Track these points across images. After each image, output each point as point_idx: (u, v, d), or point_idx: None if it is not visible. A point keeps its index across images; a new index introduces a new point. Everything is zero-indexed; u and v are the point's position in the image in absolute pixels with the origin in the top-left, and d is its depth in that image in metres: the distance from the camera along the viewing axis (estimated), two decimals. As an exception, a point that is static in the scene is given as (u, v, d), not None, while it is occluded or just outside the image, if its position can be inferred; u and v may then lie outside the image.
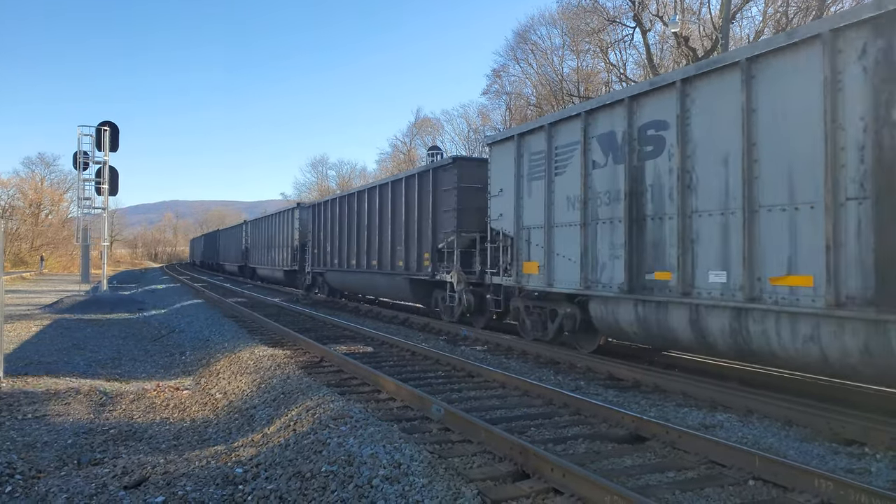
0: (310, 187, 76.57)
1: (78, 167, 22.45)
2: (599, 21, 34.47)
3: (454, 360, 9.11)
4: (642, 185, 8.27)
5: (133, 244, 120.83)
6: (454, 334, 12.62)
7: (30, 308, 19.41)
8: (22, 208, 61.20)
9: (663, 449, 5.29)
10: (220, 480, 4.72)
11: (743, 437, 5.68)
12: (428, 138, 58.03)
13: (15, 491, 4.69)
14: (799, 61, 6.37)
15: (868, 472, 4.81)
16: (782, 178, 6.50)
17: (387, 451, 4.63)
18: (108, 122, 22.69)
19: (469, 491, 4.07)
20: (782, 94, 6.54)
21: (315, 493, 4.27)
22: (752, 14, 31.36)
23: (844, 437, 5.56)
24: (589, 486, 4.07)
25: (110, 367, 10.11)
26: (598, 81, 37.91)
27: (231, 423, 6.80)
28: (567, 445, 5.42)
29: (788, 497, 4.26)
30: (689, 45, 28.93)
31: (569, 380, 8.34)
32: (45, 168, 68.31)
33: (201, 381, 9.12)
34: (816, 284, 6.13)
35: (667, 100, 7.89)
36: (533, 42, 40.99)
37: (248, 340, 11.30)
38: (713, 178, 7.26)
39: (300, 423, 5.70)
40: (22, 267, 52.59)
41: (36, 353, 11.09)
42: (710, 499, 4.30)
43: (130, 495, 4.54)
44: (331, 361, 9.22)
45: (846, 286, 5.89)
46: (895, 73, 5.56)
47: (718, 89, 7.23)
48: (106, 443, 6.09)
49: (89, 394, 8.05)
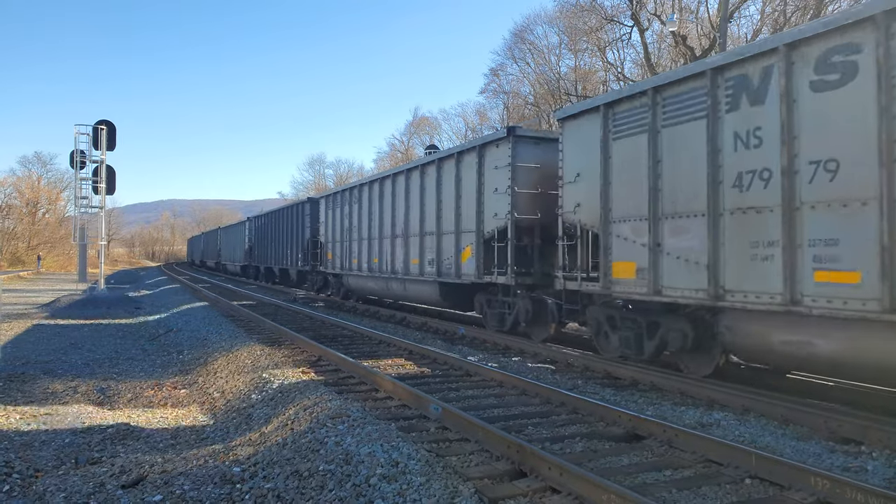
0: (307, 186, 76.64)
1: (75, 166, 22.39)
2: (597, 20, 34.49)
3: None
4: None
5: (130, 243, 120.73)
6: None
7: (27, 307, 19.38)
8: (19, 207, 61.08)
9: (660, 447, 5.30)
10: (218, 479, 4.72)
11: (740, 435, 5.69)
12: (426, 137, 58.11)
13: (13, 490, 4.69)
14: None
15: (864, 471, 4.82)
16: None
17: (384, 450, 4.63)
18: (104, 120, 22.64)
19: (466, 489, 4.08)
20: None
21: (313, 492, 4.27)
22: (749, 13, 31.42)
23: (841, 435, 5.57)
24: (586, 484, 4.08)
25: (108, 367, 10.10)
26: (596, 80, 37.95)
27: (229, 422, 6.80)
28: (564, 444, 5.43)
29: (785, 495, 4.27)
30: (686, 43, 28.96)
31: (566, 379, 8.35)
32: (42, 167, 68.25)
33: (199, 380, 9.11)
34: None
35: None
36: (530, 41, 41.07)
37: (245, 339, 11.28)
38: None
39: (298, 422, 5.71)
40: (19, 266, 52.47)
41: (33, 352, 11.08)
42: (707, 497, 4.31)
43: (128, 494, 4.54)
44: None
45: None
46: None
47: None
48: (104, 442, 6.09)
49: (87, 393, 8.05)
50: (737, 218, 6.91)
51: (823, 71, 6.13)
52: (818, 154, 6.13)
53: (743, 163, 6.85)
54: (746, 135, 6.84)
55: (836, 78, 6.03)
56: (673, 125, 7.75)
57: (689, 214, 7.50)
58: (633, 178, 8.28)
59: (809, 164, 6.21)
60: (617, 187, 8.63)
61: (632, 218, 8.32)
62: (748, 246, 6.76)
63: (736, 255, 6.90)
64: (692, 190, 7.44)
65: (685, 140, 7.57)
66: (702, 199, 7.27)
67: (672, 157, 7.79)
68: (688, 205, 7.52)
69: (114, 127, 22.80)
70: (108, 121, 22.74)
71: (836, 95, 6.03)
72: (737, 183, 6.91)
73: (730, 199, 6.98)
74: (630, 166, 8.37)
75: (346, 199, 19.14)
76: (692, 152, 7.43)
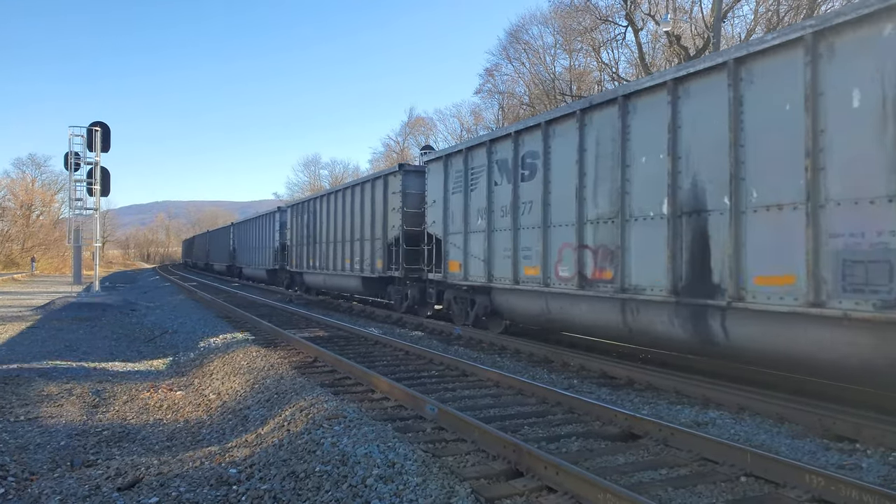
0: (302, 187, 76.50)
1: (69, 168, 22.36)
2: (591, 20, 34.57)
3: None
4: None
5: (125, 245, 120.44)
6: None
7: (21, 309, 19.28)
8: (13, 209, 60.74)
9: (656, 446, 5.32)
10: (214, 481, 4.71)
11: (735, 434, 5.72)
12: (421, 138, 58.13)
13: (8, 493, 4.67)
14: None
15: (859, 468, 4.85)
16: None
17: (381, 451, 4.63)
18: (99, 122, 22.61)
19: (463, 489, 4.08)
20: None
21: (309, 493, 4.27)
22: (743, 13, 31.45)
23: (836, 433, 5.60)
24: (582, 483, 4.09)
25: (103, 369, 10.05)
26: (591, 80, 38.00)
27: (225, 424, 6.78)
28: (561, 443, 5.44)
29: (780, 493, 4.29)
30: (680, 43, 29.04)
31: (562, 378, 8.36)
32: (36, 169, 68.02)
33: (195, 381, 9.09)
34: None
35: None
36: (525, 41, 41.06)
37: (241, 343, 11.27)
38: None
39: (294, 423, 5.70)
40: (13, 268, 52.24)
41: (28, 354, 11.03)
42: (703, 495, 4.33)
43: (124, 497, 4.53)
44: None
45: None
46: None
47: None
48: (99, 444, 6.07)
49: (82, 395, 8.02)
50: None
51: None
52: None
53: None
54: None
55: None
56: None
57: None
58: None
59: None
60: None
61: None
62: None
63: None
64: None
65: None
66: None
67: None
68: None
69: (108, 128, 22.75)
70: (102, 122, 22.71)
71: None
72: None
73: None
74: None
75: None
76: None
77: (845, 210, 5.83)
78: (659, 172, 7.79)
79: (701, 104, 7.34)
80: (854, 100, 5.78)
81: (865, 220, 5.67)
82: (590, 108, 9.06)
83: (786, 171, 6.32)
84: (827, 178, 5.98)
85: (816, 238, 6.03)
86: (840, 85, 5.90)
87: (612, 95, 8.65)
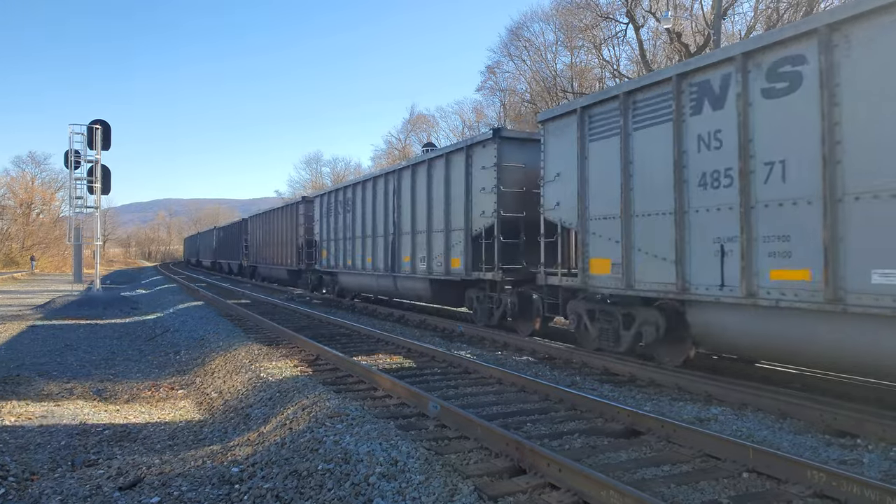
0: (304, 184, 76.48)
1: (69, 166, 22.32)
2: (592, 17, 34.54)
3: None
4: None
5: (126, 243, 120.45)
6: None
7: (21, 308, 19.28)
8: (12, 208, 60.73)
9: (658, 443, 5.31)
10: (216, 480, 4.71)
11: (737, 430, 5.71)
12: (423, 135, 58.08)
13: (8, 493, 4.66)
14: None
15: (860, 464, 4.84)
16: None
17: (383, 449, 4.62)
18: (99, 120, 22.56)
19: (466, 487, 4.07)
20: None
21: (312, 492, 4.26)
22: (743, 10, 31.46)
23: (837, 428, 5.60)
24: (585, 480, 4.08)
25: (104, 368, 10.06)
26: (592, 77, 37.95)
27: (227, 423, 6.78)
28: (563, 440, 5.43)
29: (782, 488, 4.29)
30: (681, 40, 28.98)
31: (565, 375, 8.35)
32: (36, 167, 67.79)
33: (196, 380, 9.09)
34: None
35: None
36: (527, 38, 41.01)
37: (243, 339, 11.26)
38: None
39: (296, 422, 5.69)
40: (13, 267, 52.25)
41: (28, 353, 11.02)
42: (705, 491, 4.32)
43: (125, 496, 4.52)
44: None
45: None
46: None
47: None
48: (100, 444, 6.06)
49: (83, 394, 8.02)
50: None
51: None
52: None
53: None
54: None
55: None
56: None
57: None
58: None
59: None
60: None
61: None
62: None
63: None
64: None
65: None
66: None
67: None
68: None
69: (108, 126, 22.71)
70: (102, 120, 22.66)
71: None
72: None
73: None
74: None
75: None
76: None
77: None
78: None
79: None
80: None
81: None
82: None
83: None
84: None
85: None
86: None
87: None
